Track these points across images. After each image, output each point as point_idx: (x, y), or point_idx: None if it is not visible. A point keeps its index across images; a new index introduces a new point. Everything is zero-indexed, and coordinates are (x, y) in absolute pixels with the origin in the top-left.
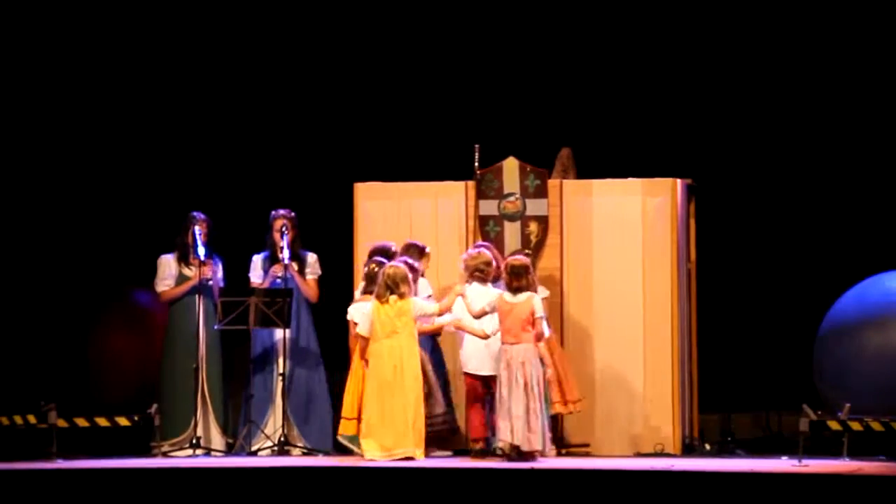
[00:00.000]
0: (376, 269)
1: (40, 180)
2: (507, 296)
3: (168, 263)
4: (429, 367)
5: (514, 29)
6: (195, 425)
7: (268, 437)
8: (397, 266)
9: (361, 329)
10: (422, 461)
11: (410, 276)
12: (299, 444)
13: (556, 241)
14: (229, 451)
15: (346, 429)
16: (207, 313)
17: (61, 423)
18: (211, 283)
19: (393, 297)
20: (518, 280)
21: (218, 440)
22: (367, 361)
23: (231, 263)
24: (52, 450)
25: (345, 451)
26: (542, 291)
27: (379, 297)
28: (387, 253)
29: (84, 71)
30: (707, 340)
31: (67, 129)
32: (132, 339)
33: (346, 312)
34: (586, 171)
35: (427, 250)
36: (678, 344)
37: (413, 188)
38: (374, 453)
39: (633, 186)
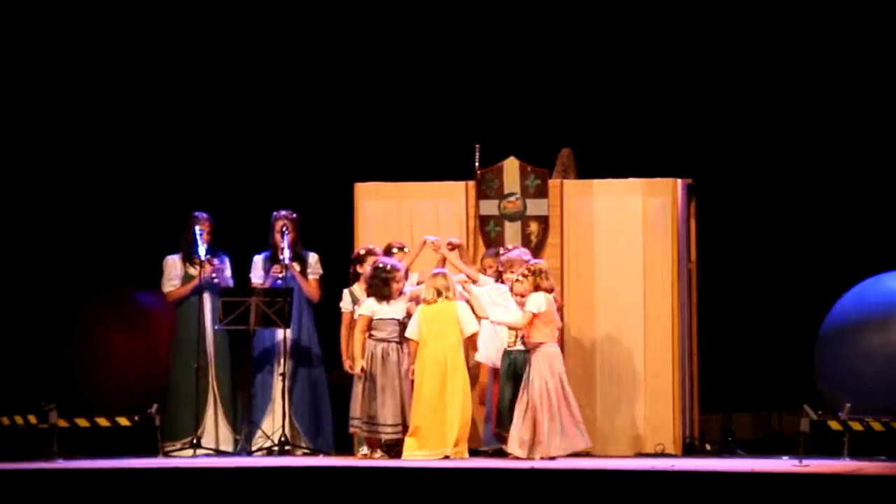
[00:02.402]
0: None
1: (44, 181)
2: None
3: (173, 264)
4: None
5: (513, 29)
6: (203, 425)
7: (268, 437)
8: (443, 271)
9: (410, 333)
10: (422, 462)
11: (452, 278)
12: (300, 445)
13: (556, 241)
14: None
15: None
16: (214, 313)
17: (62, 423)
18: (217, 281)
19: (440, 300)
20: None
21: (228, 440)
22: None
23: (232, 263)
24: (52, 450)
25: (345, 452)
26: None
27: (427, 301)
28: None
29: (86, 70)
30: (707, 340)
31: (70, 130)
32: (134, 340)
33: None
34: (587, 171)
35: (405, 249)
36: (678, 344)
37: (413, 188)
38: (413, 453)
39: (633, 186)
